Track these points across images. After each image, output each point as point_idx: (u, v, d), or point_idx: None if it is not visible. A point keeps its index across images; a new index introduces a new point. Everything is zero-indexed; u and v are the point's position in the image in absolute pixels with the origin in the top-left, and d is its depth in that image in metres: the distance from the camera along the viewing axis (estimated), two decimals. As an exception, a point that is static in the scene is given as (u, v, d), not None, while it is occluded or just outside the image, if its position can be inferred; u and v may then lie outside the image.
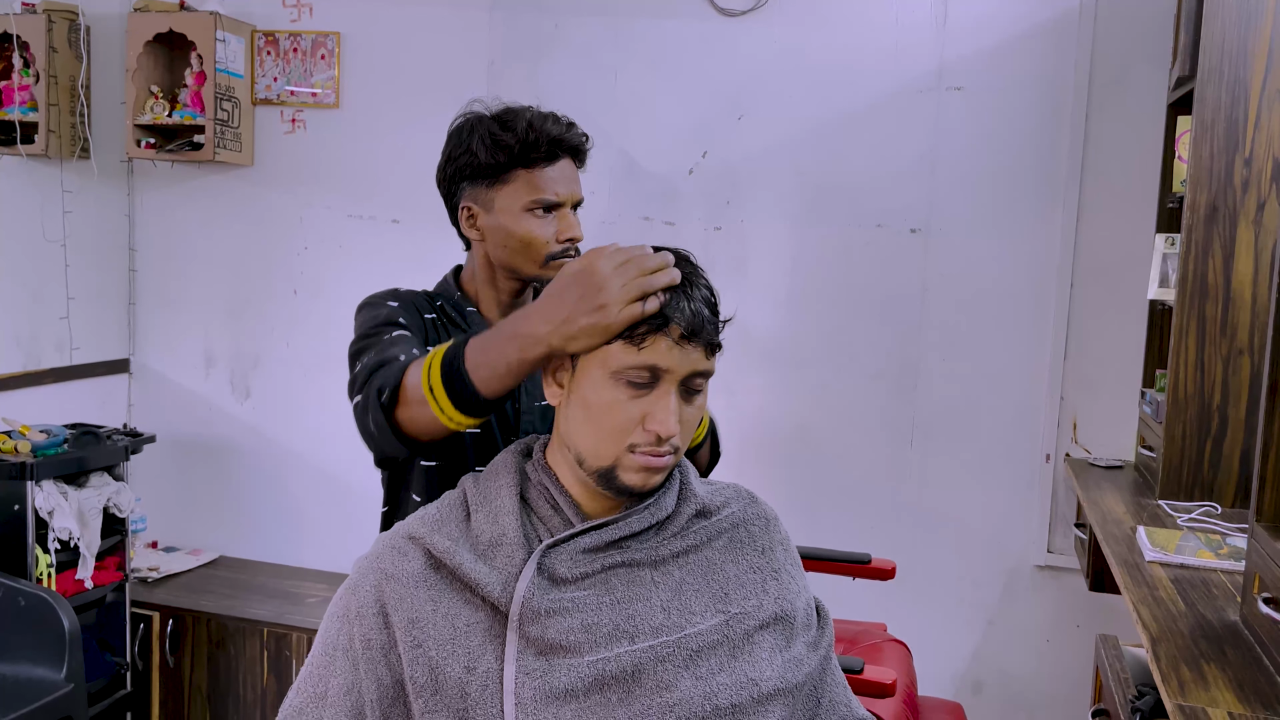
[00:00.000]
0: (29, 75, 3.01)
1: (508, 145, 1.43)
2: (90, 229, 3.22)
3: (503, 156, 1.44)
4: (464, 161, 1.47)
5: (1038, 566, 2.77)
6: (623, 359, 1.06)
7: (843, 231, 2.84)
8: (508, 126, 1.44)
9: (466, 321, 1.51)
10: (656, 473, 1.09)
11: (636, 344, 1.05)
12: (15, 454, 2.56)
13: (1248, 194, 2.09)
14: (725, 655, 1.08)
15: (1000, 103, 2.71)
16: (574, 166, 1.50)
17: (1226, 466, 2.14)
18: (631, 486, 1.09)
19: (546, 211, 1.46)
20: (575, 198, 1.50)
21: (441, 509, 1.15)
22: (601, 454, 1.08)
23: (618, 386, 1.07)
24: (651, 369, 1.06)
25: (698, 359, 1.08)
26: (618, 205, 2.94)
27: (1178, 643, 1.40)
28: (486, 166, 1.45)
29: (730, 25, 2.87)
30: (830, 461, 2.89)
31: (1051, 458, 2.73)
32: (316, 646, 1.12)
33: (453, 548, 1.09)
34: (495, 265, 1.50)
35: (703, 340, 1.08)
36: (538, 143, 1.44)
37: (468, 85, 3.03)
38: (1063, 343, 2.70)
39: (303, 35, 3.17)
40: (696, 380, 1.09)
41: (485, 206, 1.47)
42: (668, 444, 1.08)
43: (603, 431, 1.08)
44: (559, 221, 1.47)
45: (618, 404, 1.07)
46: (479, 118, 1.48)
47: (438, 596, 1.07)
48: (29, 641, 2.37)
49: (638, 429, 1.07)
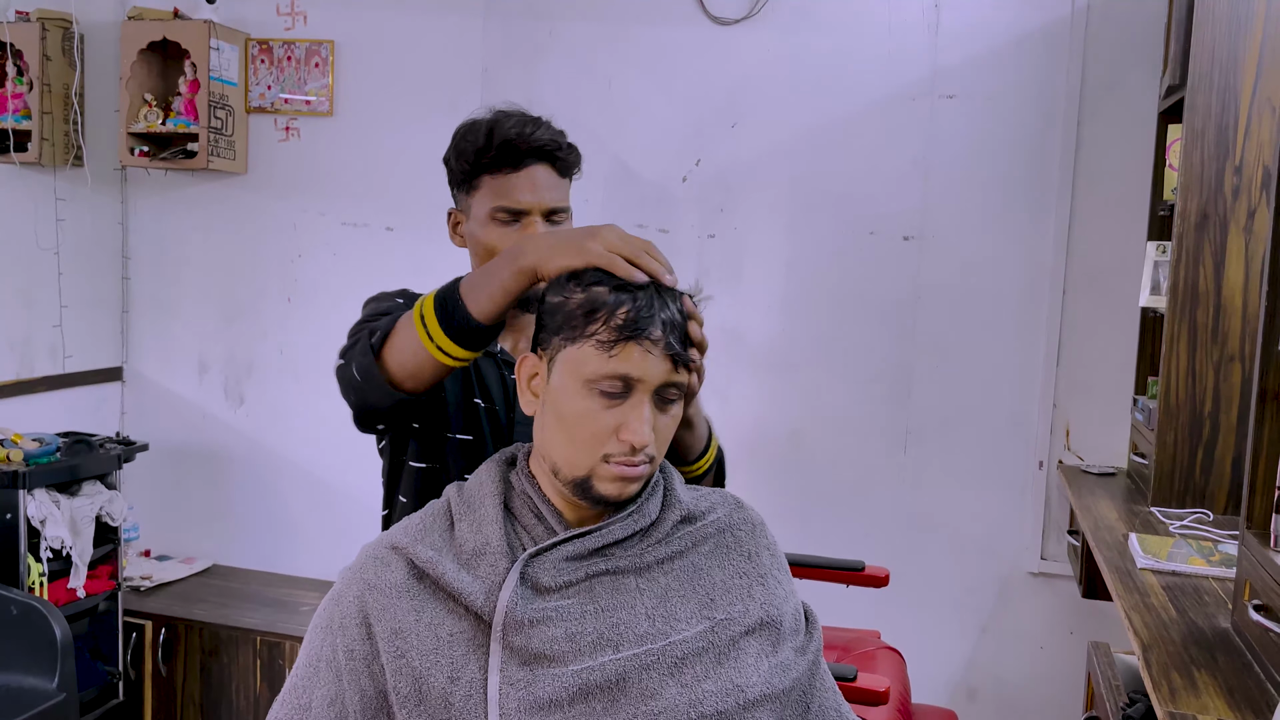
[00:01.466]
0: (23, 83, 3.02)
1: (472, 150, 1.41)
2: (84, 237, 3.22)
3: (468, 163, 1.42)
4: (451, 168, 1.46)
5: (1031, 573, 2.77)
6: (596, 368, 1.06)
7: (836, 238, 2.84)
8: (475, 131, 1.42)
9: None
10: (632, 482, 1.09)
11: (608, 350, 1.05)
12: (7, 463, 2.56)
13: (1238, 201, 2.10)
14: (711, 662, 1.08)
15: (993, 110, 2.72)
16: (551, 173, 1.43)
17: (1218, 473, 2.15)
18: (607, 496, 1.09)
19: (512, 220, 1.40)
20: (544, 206, 1.41)
21: (425, 518, 1.15)
22: (576, 464, 1.08)
23: (591, 396, 1.06)
24: (624, 378, 1.06)
25: (669, 370, 1.07)
26: (611, 212, 2.94)
27: (1169, 649, 1.40)
28: (460, 173, 1.44)
29: (724, 32, 2.87)
30: (823, 468, 2.89)
31: (1045, 464, 2.74)
32: (301, 658, 1.12)
33: (435, 557, 1.08)
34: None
35: (674, 349, 1.07)
36: (490, 147, 1.40)
37: (462, 92, 3.04)
38: (1055, 349, 2.71)
39: (297, 44, 3.18)
40: (669, 390, 1.09)
41: (466, 213, 1.46)
42: (642, 453, 1.07)
43: (577, 441, 1.07)
44: (524, 230, 1.40)
45: (591, 413, 1.06)
46: (468, 125, 1.45)
47: (421, 606, 1.07)
48: (21, 651, 2.37)
49: (612, 439, 1.07)
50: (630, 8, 2.93)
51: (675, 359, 1.07)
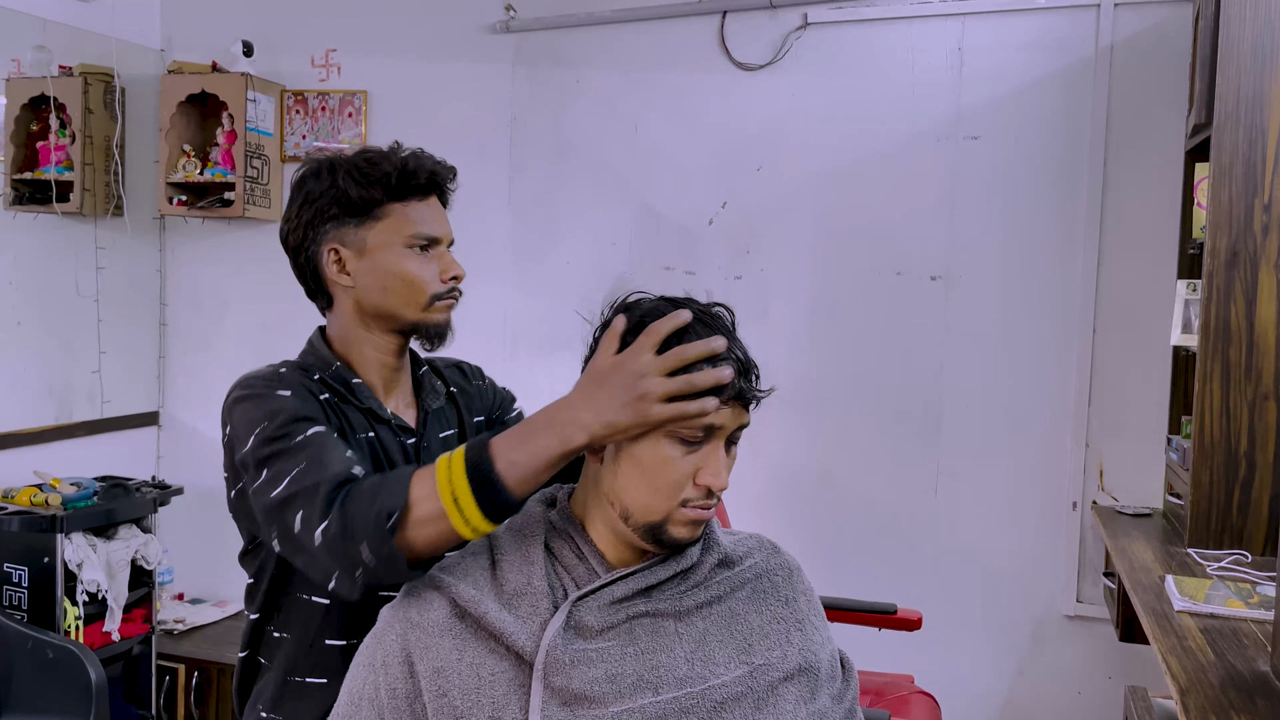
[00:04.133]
0: (65, 136, 3.10)
1: (382, 176, 1.34)
2: (122, 284, 3.29)
3: (378, 191, 1.34)
4: (326, 201, 1.35)
5: (1067, 616, 2.73)
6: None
7: (863, 278, 2.85)
8: (379, 160, 1.36)
9: (355, 396, 1.37)
10: (702, 524, 1.11)
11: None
12: (46, 507, 2.60)
13: (1268, 238, 2.08)
14: (749, 707, 1.08)
15: (1018, 150, 2.73)
16: (442, 206, 1.43)
17: (1255, 513, 2.11)
18: (680, 539, 1.10)
19: (426, 249, 1.37)
20: (451, 236, 1.42)
21: (465, 556, 1.16)
22: (653, 509, 1.09)
23: (672, 444, 1.07)
24: (706, 428, 1.07)
25: (742, 413, 1.10)
26: (638, 255, 2.97)
27: (1207, 694, 1.38)
28: (359, 203, 1.34)
29: (748, 78, 2.91)
30: (854, 508, 2.87)
31: (1078, 505, 2.71)
32: (342, 695, 1.12)
33: (478, 596, 1.09)
34: (370, 316, 1.38)
35: (751, 395, 1.09)
36: (415, 174, 1.36)
37: (491, 139, 3.09)
38: (1086, 389, 2.69)
39: (331, 94, 3.25)
40: (738, 433, 1.11)
41: (356, 248, 1.36)
42: (716, 496, 1.10)
43: (656, 488, 1.08)
44: (440, 260, 1.38)
45: (672, 461, 1.07)
46: (334, 159, 1.38)
47: (462, 645, 1.07)
48: (56, 693, 2.39)
49: (689, 484, 1.08)
50: (656, 55, 2.98)
51: (748, 403, 1.09)
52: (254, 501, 1.23)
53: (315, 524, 1.14)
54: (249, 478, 1.23)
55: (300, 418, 1.24)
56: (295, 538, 1.16)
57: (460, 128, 3.14)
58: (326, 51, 3.28)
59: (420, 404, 1.45)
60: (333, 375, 1.37)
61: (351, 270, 1.36)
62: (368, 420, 1.37)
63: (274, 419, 1.23)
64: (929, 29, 2.78)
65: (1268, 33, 2.07)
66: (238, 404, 1.28)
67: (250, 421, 1.24)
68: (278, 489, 1.18)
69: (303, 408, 1.26)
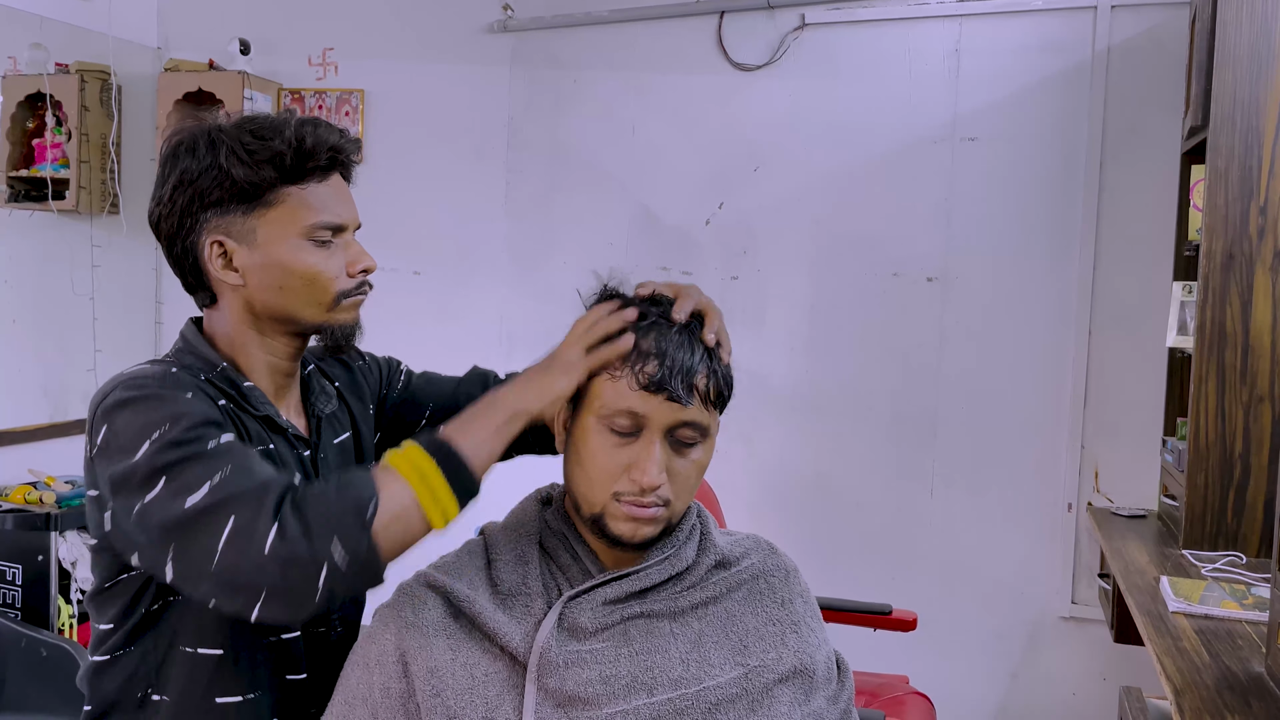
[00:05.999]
0: (61, 133, 3.10)
1: (274, 155, 1.11)
2: (118, 283, 3.29)
3: (269, 172, 1.12)
4: (208, 183, 1.12)
5: (1062, 617, 2.73)
6: (607, 402, 1.07)
7: (859, 280, 2.85)
8: (270, 134, 1.12)
9: (249, 402, 1.16)
10: (645, 524, 1.07)
11: (610, 374, 1.07)
12: (40, 505, 2.59)
13: (1264, 241, 2.09)
14: (744, 709, 1.07)
15: (1014, 153, 2.73)
16: (345, 184, 1.22)
17: (1250, 515, 2.12)
18: (620, 536, 1.08)
19: (327, 240, 1.16)
20: (357, 221, 1.22)
21: (460, 556, 1.15)
22: (592, 500, 1.08)
23: (604, 433, 1.07)
24: (631, 414, 1.06)
25: (676, 409, 1.05)
26: (635, 255, 2.97)
27: (1201, 695, 1.38)
28: (246, 187, 1.12)
29: (745, 79, 2.91)
30: (849, 510, 2.87)
31: (1074, 507, 2.71)
32: (337, 695, 1.12)
33: (472, 596, 1.09)
34: (264, 318, 1.17)
35: (672, 390, 1.05)
36: (314, 152, 1.13)
37: (489, 139, 3.09)
38: (1082, 390, 2.69)
39: (328, 93, 3.25)
40: (684, 432, 1.07)
41: (244, 239, 1.13)
42: (653, 495, 1.06)
43: (590, 477, 1.08)
44: (346, 250, 1.18)
45: (604, 450, 1.07)
46: (217, 129, 1.13)
47: (456, 645, 1.07)
48: (50, 692, 2.38)
49: (623, 477, 1.07)
50: (653, 56, 2.98)
51: (675, 400, 1.05)
52: (140, 520, 1.00)
53: (262, 529, 0.95)
54: (134, 492, 1.00)
55: (209, 422, 1.05)
56: (209, 555, 0.96)
57: (457, 128, 3.14)
58: (324, 50, 3.28)
59: (310, 409, 1.26)
60: (219, 377, 1.15)
61: (240, 266, 1.14)
62: (264, 429, 1.17)
63: (176, 423, 1.02)
64: (926, 30, 2.78)
65: (1264, 36, 2.08)
66: (121, 408, 1.04)
67: (144, 426, 1.02)
68: (191, 498, 0.97)
69: (210, 412, 1.06)
